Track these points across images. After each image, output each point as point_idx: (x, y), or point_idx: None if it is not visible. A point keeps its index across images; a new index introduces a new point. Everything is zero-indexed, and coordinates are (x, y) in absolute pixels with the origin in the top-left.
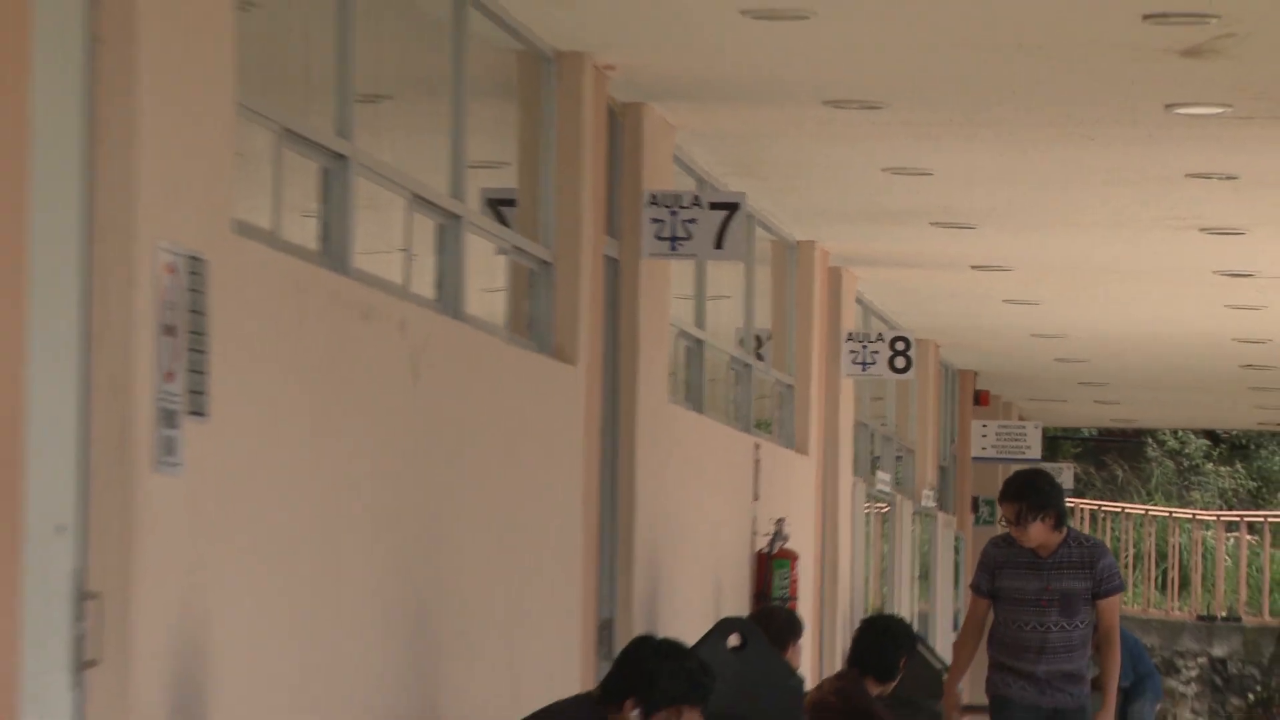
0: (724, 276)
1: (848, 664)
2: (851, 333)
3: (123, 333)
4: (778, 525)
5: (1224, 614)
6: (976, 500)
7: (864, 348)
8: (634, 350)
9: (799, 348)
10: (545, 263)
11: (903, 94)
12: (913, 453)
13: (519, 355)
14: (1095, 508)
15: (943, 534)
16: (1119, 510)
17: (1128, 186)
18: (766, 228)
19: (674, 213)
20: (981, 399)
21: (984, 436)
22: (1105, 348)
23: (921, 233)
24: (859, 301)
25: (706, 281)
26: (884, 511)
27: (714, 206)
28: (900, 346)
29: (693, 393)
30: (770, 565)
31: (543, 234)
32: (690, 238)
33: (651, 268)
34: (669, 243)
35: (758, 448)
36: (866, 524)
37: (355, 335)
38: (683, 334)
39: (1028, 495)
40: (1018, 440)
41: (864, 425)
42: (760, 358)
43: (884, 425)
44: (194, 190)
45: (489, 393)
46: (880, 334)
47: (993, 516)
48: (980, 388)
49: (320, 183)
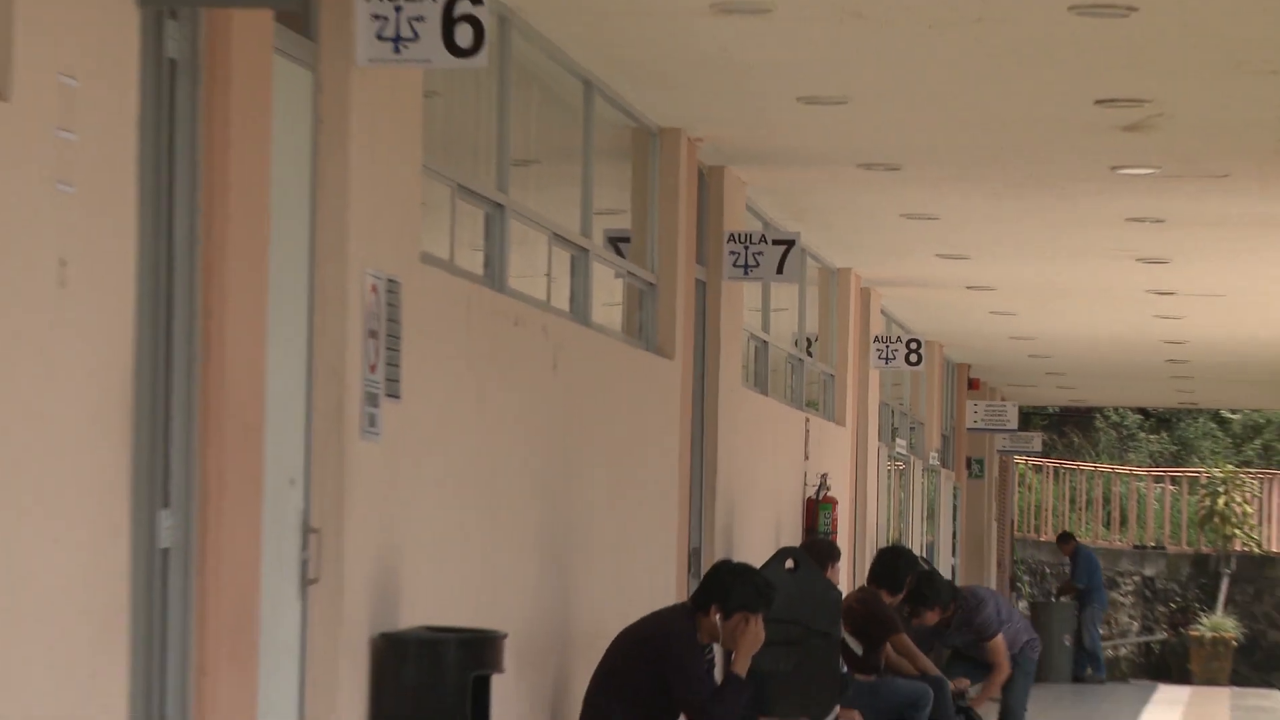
0: (782, 294)
1: (868, 581)
2: (877, 336)
3: (338, 335)
4: (822, 479)
5: (1152, 544)
6: (969, 460)
7: (887, 347)
8: (716, 348)
9: (838, 347)
10: (650, 284)
11: (916, 158)
12: (922, 425)
13: (631, 352)
14: (1058, 465)
15: (945, 485)
16: (1075, 468)
17: (1083, 227)
18: (815, 258)
19: (746, 247)
20: (973, 385)
21: (975, 412)
22: (1065, 347)
23: (929, 262)
24: (883, 313)
25: (770, 298)
26: (900, 469)
27: (776, 242)
28: (914, 346)
29: (759, 380)
30: (816, 508)
31: (649, 262)
32: (758, 265)
33: (729, 288)
34: (742, 269)
35: (807, 421)
36: (888, 478)
37: (509, 337)
38: (752, 336)
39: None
40: (1000, 415)
41: (886, 404)
42: (809, 354)
43: (901, 404)
44: (390, 230)
45: (608, 380)
46: (899, 337)
47: (982, 472)
48: (973, 376)
49: (484, 225)
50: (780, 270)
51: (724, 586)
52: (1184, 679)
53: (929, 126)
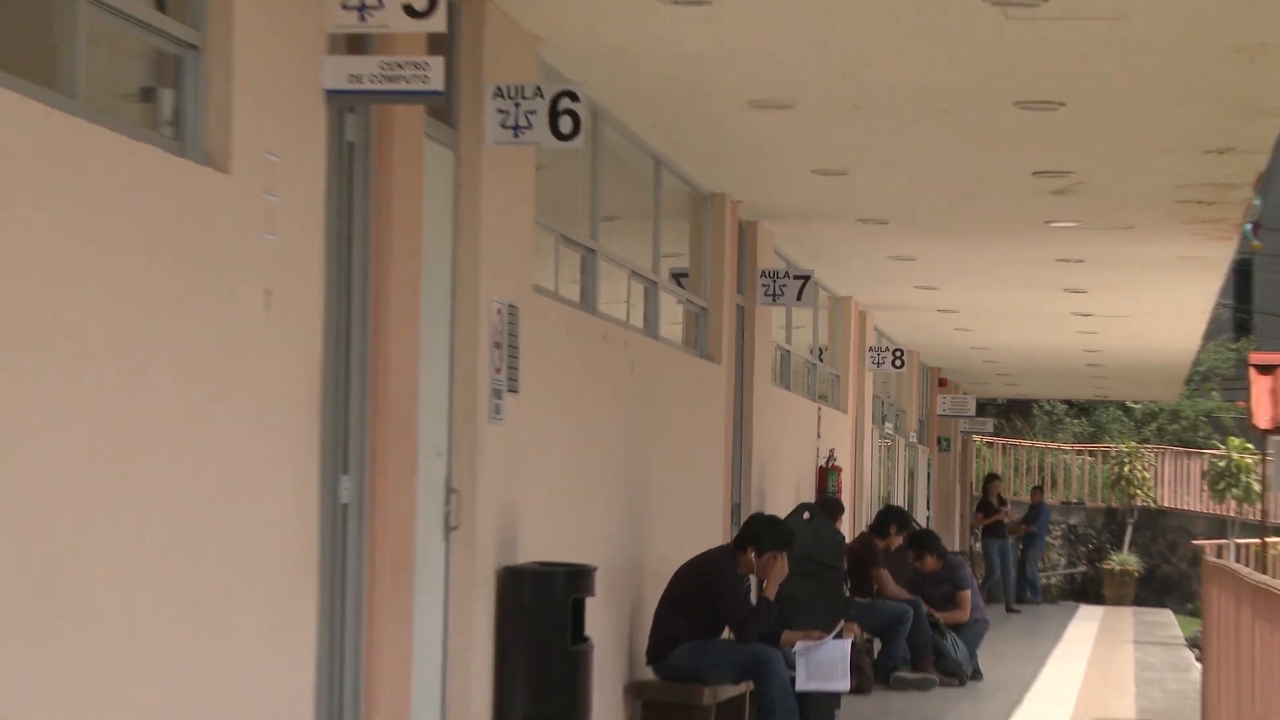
0: (800, 316)
1: (867, 529)
2: (871, 346)
3: (472, 346)
4: (830, 453)
5: (1075, 500)
6: (939, 438)
7: (878, 354)
8: (752, 356)
9: (843, 355)
10: (703, 308)
11: (900, 215)
12: (904, 412)
13: (688, 359)
14: (1005, 442)
15: (921, 457)
16: (1018, 444)
17: (1023, 265)
18: (825, 289)
19: (774, 280)
20: (942, 383)
21: (944, 403)
22: (1010, 354)
23: (910, 291)
24: (875, 329)
25: (791, 318)
26: (888, 445)
27: (796, 277)
28: (898, 354)
29: (783, 379)
30: (826, 474)
31: (702, 292)
32: (783, 294)
33: (761, 311)
34: (771, 297)
35: (819, 410)
36: (878, 452)
37: (598, 348)
38: (778, 347)
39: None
40: (962, 405)
41: (878, 397)
42: (821, 360)
43: (888, 397)
44: (511, 268)
45: (672, 380)
46: (887, 347)
47: (949, 448)
48: (942, 376)
49: (580, 264)
50: (799, 298)
51: (757, 532)
52: (1099, 601)
53: (909, 191)
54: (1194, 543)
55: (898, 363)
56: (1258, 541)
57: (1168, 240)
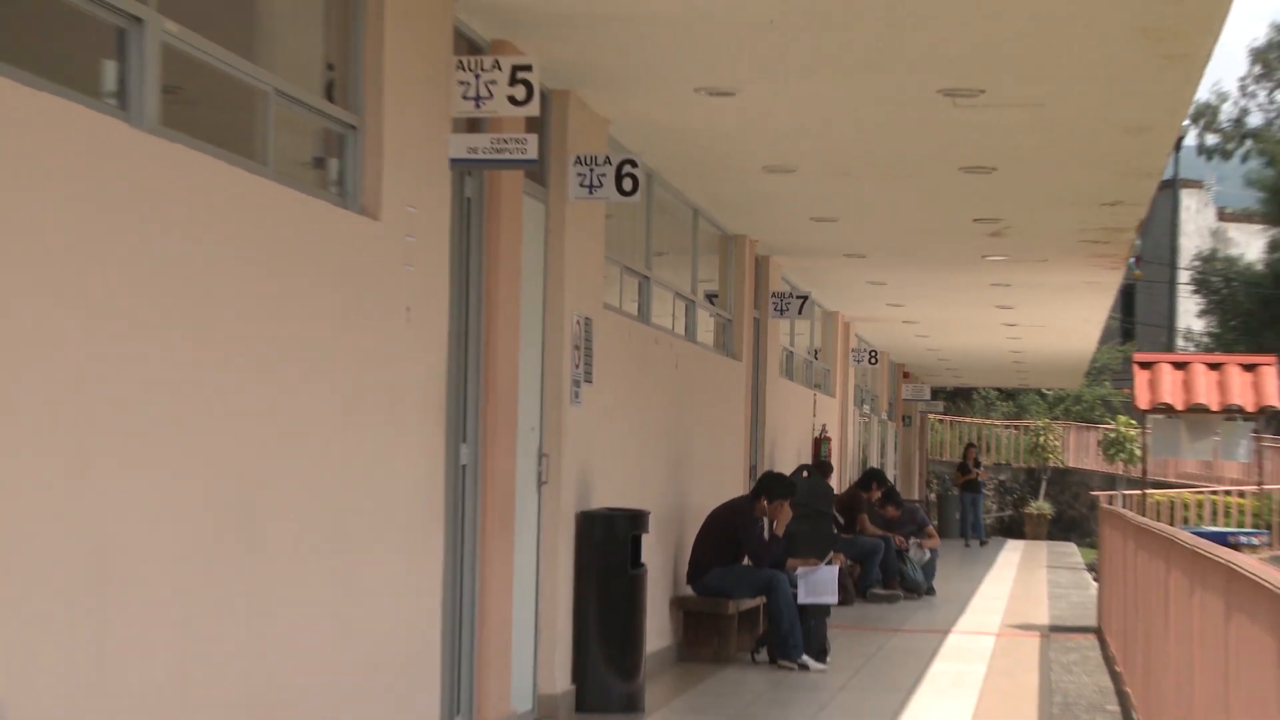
0: (801, 325)
1: (854, 485)
2: (853, 348)
3: (558, 348)
4: (823, 427)
5: (1004, 462)
6: (904, 417)
7: (859, 354)
8: (765, 355)
9: (832, 355)
10: (729, 320)
11: (876, 251)
12: (877, 397)
13: (719, 359)
14: (952, 420)
15: (890, 431)
16: (962, 421)
17: (965, 289)
18: (819, 306)
19: (781, 299)
20: (906, 375)
21: (907, 390)
22: (958, 354)
23: (883, 308)
24: (857, 335)
25: (795, 327)
26: (866, 422)
27: (798, 297)
28: (873, 354)
29: (789, 373)
30: (819, 444)
31: (728, 309)
32: (788, 310)
33: (772, 322)
34: (780, 312)
35: (815, 396)
36: (858, 427)
37: (651, 351)
38: (785, 348)
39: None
40: (920, 391)
41: (859, 386)
42: (816, 358)
43: (867, 386)
44: (587, 290)
45: (706, 374)
46: (866, 349)
47: (911, 424)
48: (906, 370)
49: (638, 287)
50: (800, 312)
51: (768, 485)
52: (1022, 537)
53: (884, 234)
54: (1092, 493)
55: (873, 360)
56: (1139, 493)
57: (1073, 269)
